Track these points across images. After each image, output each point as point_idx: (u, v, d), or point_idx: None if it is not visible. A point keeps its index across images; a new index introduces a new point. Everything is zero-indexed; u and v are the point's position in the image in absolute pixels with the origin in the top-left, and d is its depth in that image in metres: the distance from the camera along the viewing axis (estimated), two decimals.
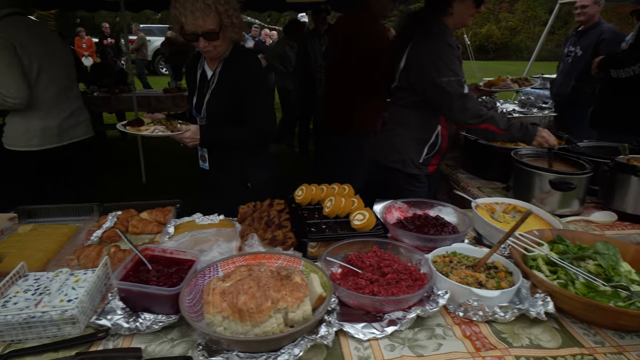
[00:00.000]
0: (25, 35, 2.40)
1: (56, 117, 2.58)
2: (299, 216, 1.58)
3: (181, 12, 1.74)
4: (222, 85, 1.94)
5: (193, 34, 1.78)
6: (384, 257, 1.34)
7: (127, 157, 6.42)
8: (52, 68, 2.52)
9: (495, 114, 1.98)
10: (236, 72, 1.94)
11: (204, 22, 1.74)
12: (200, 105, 1.99)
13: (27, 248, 1.41)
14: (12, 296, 1.12)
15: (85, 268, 1.34)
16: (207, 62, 2.01)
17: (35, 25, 2.56)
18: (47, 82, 2.49)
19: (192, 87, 2.05)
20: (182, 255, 1.27)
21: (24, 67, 2.37)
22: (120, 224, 1.64)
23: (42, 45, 2.47)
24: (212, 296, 1.02)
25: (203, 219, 1.74)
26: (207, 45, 1.81)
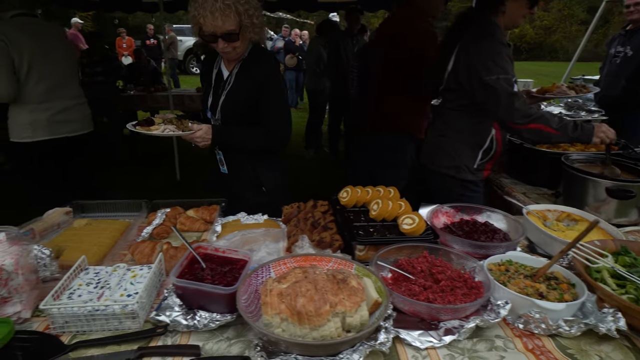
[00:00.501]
0: (20, 35, 2.58)
1: (46, 111, 2.75)
2: (345, 218, 1.57)
3: (200, 12, 1.69)
4: (238, 87, 1.89)
5: (212, 35, 1.73)
6: (435, 263, 1.31)
7: (162, 155, 6.58)
8: (45, 66, 2.70)
9: (545, 112, 1.90)
10: (253, 73, 1.88)
11: (223, 22, 1.69)
12: (215, 106, 1.96)
13: (84, 242, 1.46)
14: (76, 289, 1.16)
15: (140, 264, 1.38)
16: (223, 62, 1.97)
17: (35, 26, 2.72)
18: (37, 79, 2.68)
19: (208, 87, 2.02)
20: (234, 254, 1.28)
21: (14, 63, 2.57)
22: (169, 221, 1.68)
23: (37, 44, 2.65)
24: (270, 297, 1.02)
25: (247, 218, 1.76)
26: (226, 47, 1.76)
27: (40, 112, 2.75)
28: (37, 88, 2.70)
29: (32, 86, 2.68)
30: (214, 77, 1.98)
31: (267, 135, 1.92)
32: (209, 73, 2.03)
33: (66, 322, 1.08)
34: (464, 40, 1.99)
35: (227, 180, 2.10)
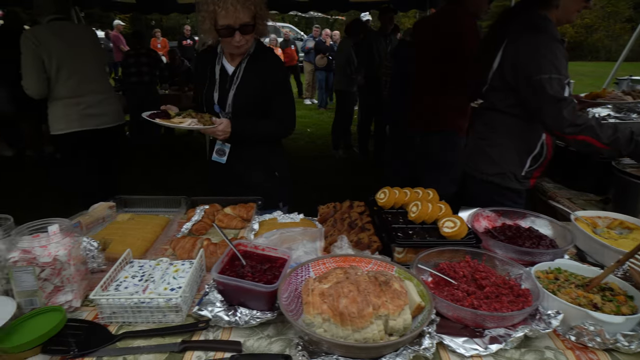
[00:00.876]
0: (51, 37, 2.86)
1: (77, 105, 3.02)
2: (383, 220, 1.54)
3: (220, 5, 1.73)
4: (248, 81, 1.96)
5: (228, 27, 1.77)
6: (478, 269, 1.27)
7: (194, 151, 6.73)
8: (74, 65, 2.97)
9: (596, 122, 1.72)
10: (261, 68, 1.97)
11: (242, 14, 1.75)
12: (223, 100, 1.99)
13: (128, 236, 1.51)
14: (122, 281, 1.19)
15: (181, 258, 1.41)
16: (226, 58, 2.01)
17: (66, 29, 3.00)
18: (67, 76, 2.95)
19: (211, 83, 2.02)
20: (273, 252, 1.28)
21: (44, 64, 2.85)
22: (207, 217, 1.71)
23: (66, 45, 2.92)
24: (312, 297, 1.02)
25: (284, 217, 1.76)
26: (241, 40, 1.81)
27: (72, 106, 3.01)
28: (68, 84, 2.97)
29: (62, 83, 2.95)
30: (219, 73, 2.00)
31: (277, 125, 2.05)
32: (205, 70, 2.04)
33: (113, 312, 1.11)
34: (512, 36, 1.86)
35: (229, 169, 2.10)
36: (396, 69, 4.34)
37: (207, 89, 2.00)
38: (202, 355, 1.01)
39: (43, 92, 2.93)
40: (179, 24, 25.71)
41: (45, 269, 1.11)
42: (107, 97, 3.22)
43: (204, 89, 2.02)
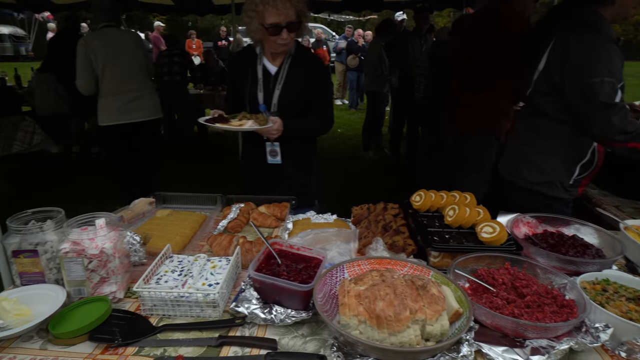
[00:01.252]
0: (98, 42, 3.38)
1: (117, 101, 3.51)
2: (418, 223, 1.52)
3: (261, 7, 1.78)
4: (293, 80, 2.00)
5: (276, 26, 1.81)
6: (518, 276, 1.23)
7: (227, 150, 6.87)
8: (116, 66, 3.44)
9: None
10: (304, 67, 2.01)
11: (288, 12, 1.79)
12: (268, 99, 2.02)
13: (167, 231, 1.56)
14: (162, 274, 1.23)
15: (218, 255, 1.44)
16: (267, 57, 2.03)
17: (112, 34, 3.46)
18: (110, 76, 3.45)
19: (254, 83, 2.04)
20: (308, 252, 1.29)
21: (92, 64, 3.38)
22: (242, 215, 1.74)
23: (110, 48, 3.40)
24: (348, 298, 1.01)
25: (317, 217, 1.77)
26: (287, 37, 1.85)
27: (113, 102, 3.51)
28: (111, 83, 3.47)
29: (107, 82, 3.46)
30: (261, 73, 2.02)
31: (320, 123, 2.11)
32: (244, 70, 2.06)
33: (154, 305, 1.15)
34: (561, 35, 1.74)
35: (281, 170, 2.11)
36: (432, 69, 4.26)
37: (250, 89, 2.03)
38: (238, 351, 1.03)
39: (91, 90, 3.47)
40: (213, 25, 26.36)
41: (93, 261, 1.16)
42: (144, 94, 3.65)
43: (245, 89, 2.04)
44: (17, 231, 1.19)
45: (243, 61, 2.08)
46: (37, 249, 1.19)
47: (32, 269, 1.21)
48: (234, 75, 2.16)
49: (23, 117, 4.53)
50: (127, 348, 1.03)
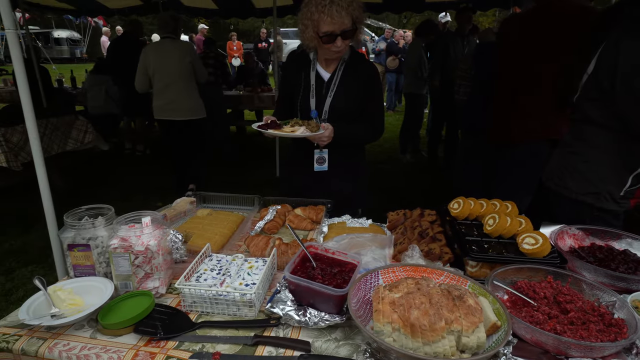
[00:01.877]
0: (152, 51, 4.17)
1: (160, 100, 4.23)
2: (456, 231, 1.49)
3: (324, 11, 1.77)
4: (345, 87, 1.99)
5: (330, 34, 1.81)
6: (562, 291, 1.18)
7: (263, 152, 6.99)
8: (163, 72, 4.15)
9: None
10: (357, 74, 2.00)
11: (343, 21, 1.79)
12: (320, 106, 2.01)
13: (207, 231, 1.61)
14: (202, 273, 1.28)
15: (254, 255, 1.47)
16: (320, 64, 2.03)
17: (164, 45, 4.20)
18: (159, 79, 4.16)
19: (306, 89, 2.03)
20: (343, 257, 1.30)
21: (147, 69, 4.14)
22: (279, 217, 1.77)
23: (162, 58, 4.13)
24: (382, 305, 1.01)
25: (352, 221, 1.77)
26: (341, 45, 1.85)
27: (158, 100, 4.23)
28: (158, 85, 4.18)
29: (156, 83, 4.18)
30: (314, 79, 2.02)
31: (371, 130, 2.09)
32: (298, 76, 2.06)
33: (194, 301, 1.20)
34: (612, 38, 1.65)
35: (326, 178, 2.11)
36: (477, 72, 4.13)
37: (303, 94, 2.03)
38: (272, 351, 1.05)
39: (144, 89, 4.28)
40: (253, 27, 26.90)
41: (139, 257, 1.23)
42: (184, 96, 4.26)
43: (298, 94, 2.04)
44: (72, 226, 1.28)
45: (296, 66, 2.09)
46: (89, 243, 1.27)
47: (84, 262, 1.29)
48: (287, 80, 2.14)
49: (77, 117, 4.82)
50: (168, 342, 1.08)
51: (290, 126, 1.86)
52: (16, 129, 4.05)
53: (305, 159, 2.07)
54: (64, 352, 1.04)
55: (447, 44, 5.23)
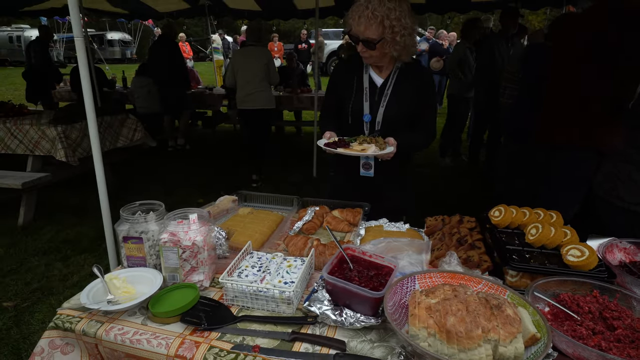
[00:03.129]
0: (239, 55, 5.24)
1: (241, 92, 5.17)
2: (496, 239, 1.47)
3: (351, 15, 1.83)
4: (400, 94, 1.97)
5: (355, 36, 1.85)
6: (609, 307, 1.13)
7: (301, 152, 7.08)
8: (244, 72, 5.07)
9: None
10: (411, 81, 1.98)
11: (365, 29, 1.79)
12: (374, 111, 1.99)
13: (248, 229, 1.68)
14: (243, 269, 1.34)
15: (293, 255, 1.52)
16: (373, 69, 2.01)
17: (246, 50, 5.17)
18: (240, 77, 5.10)
19: (359, 93, 2.00)
20: (379, 260, 1.32)
21: (233, 69, 5.12)
22: (317, 218, 1.81)
23: (244, 60, 5.09)
24: (418, 310, 1.03)
25: (389, 225, 1.78)
26: (364, 51, 1.87)
27: (240, 92, 5.18)
28: (240, 81, 5.12)
29: (239, 80, 5.12)
30: (367, 83, 2.01)
31: (426, 137, 2.09)
32: (350, 79, 2.04)
33: (235, 296, 1.26)
34: None
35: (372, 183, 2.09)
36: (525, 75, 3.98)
37: (355, 98, 2.00)
38: (309, 348, 1.09)
39: (231, 84, 5.25)
40: (294, 28, 27.21)
41: (186, 251, 1.31)
42: (259, 90, 5.14)
43: (350, 98, 2.02)
44: (127, 220, 1.38)
45: (349, 70, 2.06)
46: (141, 236, 1.37)
47: (137, 254, 1.39)
48: (337, 83, 2.11)
49: (128, 116, 5.11)
50: (211, 332, 1.15)
51: (358, 144, 1.84)
52: (75, 126, 4.36)
53: (350, 165, 2.07)
54: (119, 335, 1.13)
55: (492, 45, 5.06)
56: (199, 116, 8.58)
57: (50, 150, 4.25)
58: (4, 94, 13.59)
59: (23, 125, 4.33)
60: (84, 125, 4.49)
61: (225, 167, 6.45)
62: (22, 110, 4.80)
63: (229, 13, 9.31)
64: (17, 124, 4.35)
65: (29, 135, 4.30)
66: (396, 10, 1.78)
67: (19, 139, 4.36)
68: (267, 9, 8.72)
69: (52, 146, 4.24)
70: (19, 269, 3.41)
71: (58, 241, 3.91)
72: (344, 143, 1.87)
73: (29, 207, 4.21)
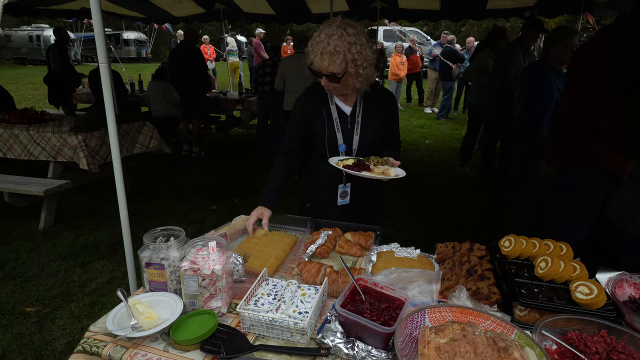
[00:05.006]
0: (288, 63, 5.81)
1: (290, 97, 5.66)
2: (506, 271, 1.50)
3: (312, 49, 1.82)
4: (370, 120, 2.03)
5: (318, 71, 1.85)
6: (617, 348, 1.16)
7: None
8: (293, 77, 5.66)
9: None
10: (378, 105, 2.04)
11: (328, 65, 1.79)
12: (348, 140, 2.02)
13: (263, 252, 1.74)
14: (259, 297, 1.40)
15: (306, 281, 1.57)
16: (338, 97, 2.04)
17: (295, 58, 5.75)
18: (290, 82, 5.72)
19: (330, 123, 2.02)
20: (391, 292, 1.36)
21: (283, 74, 5.79)
22: (329, 242, 1.86)
23: (293, 67, 5.66)
24: (428, 349, 1.07)
25: (400, 250, 1.82)
26: (328, 85, 1.90)
27: (289, 97, 5.72)
28: (289, 86, 5.73)
29: (288, 85, 5.76)
30: (336, 112, 2.02)
31: (399, 153, 2.16)
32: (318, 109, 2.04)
33: (252, 324, 1.32)
34: None
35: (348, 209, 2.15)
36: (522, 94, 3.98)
37: (329, 129, 2.02)
38: None
39: (280, 88, 5.88)
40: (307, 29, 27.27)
41: (205, 279, 1.37)
42: None
43: (322, 131, 2.03)
44: (149, 246, 1.45)
45: (315, 100, 2.06)
46: (163, 262, 1.44)
47: (158, 279, 1.46)
48: (308, 115, 2.06)
49: (145, 123, 5.23)
50: None
51: (373, 164, 1.88)
52: (94, 134, 4.49)
53: (329, 195, 2.13)
54: None
55: (509, 56, 4.99)
56: (213, 120, 8.69)
57: (73, 157, 4.39)
58: (23, 94, 13.95)
59: (45, 132, 4.47)
60: (103, 133, 4.61)
61: (238, 172, 6.54)
62: (43, 117, 4.95)
63: (244, 17, 9.42)
64: (39, 132, 4.49)
65: (51, 142, 4.45)
66: (357, 44, 1.80)
67: (41, 146, 4.50)
68: (281, 13, 8.81)
69: (74, 153, 4.37)
70: (40, 274, 3.54)
71: (77, 246, 4.03)
72: (366, 166, 1.88)
73: (49, 212, 4.35)
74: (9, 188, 4.09)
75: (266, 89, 6.75)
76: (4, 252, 3.89)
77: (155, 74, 7.41)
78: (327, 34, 1.79)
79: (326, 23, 1.84)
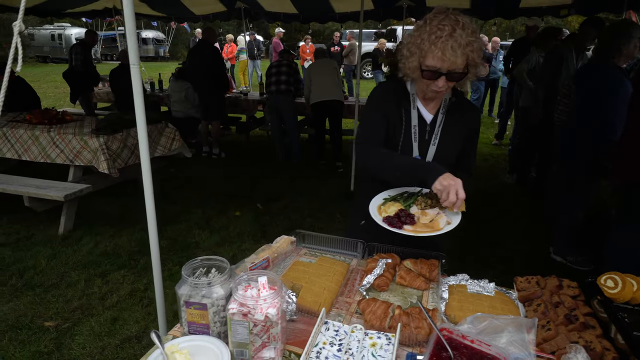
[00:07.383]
0: (314, 66, 6.46)
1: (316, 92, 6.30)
2: (618, 320, 1.23)
3: (434, 41, 1.49)
4: (451, 133, 1.74)
5: (435, 71, 1.53)
6: None
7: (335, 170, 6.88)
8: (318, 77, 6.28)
9: None
10: (462, 117, 1.76)
11: (460, 60, 1.50)
12: (423, 151, 1.74)
13: (314, 283, 1.50)
14: (321, 347, 1.16)
15: (372, 325, 1.32)
16: (421, 101, 1.74)
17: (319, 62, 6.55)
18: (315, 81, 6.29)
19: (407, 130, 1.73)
20: (484, 347, 1.11)
21: (310, 76, 6.36)
22: (388, 271, 1.61)
23: (317, 69, 6.34)
24: None
25: (472, 283, 1.56)
26: (443, 85, 1.56)
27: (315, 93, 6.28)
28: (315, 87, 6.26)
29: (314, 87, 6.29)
30: (416, 119, 1.73)
31: (471, 179, 1.80)
32: (398, 112, 1.74)
33: None
34: None
35: None
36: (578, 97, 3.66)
37: (404, 137, 1.73)
38: None
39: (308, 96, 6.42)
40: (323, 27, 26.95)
41: (258, 325, 1.14)
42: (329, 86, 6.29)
43: (399, 135, 1.74)
44: (188, 282, 1.22)
45: (395, 99, 1.75)
46: (205, 302, 1.21)
47: (199, 320, 1.23)
48: (383, 114, 1.75)
49: (167, 125, 5.05)
50: None
51: (419, 208, 1.60)
52: (116, 137, 4.32)
53: None
54: None
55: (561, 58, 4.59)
56: (233, 121, 8.52)
57: (92, 161, 4.23)
58: (45, 91, 14.06)
59: (66, 134, 4.32)
60: (125, 135, 4.45)
61: (259, 175, 6.34)
62: (64, 118, 4.82)
63: (265, 16, 9.22)
64: (60, 133, 4.35)
65: (71, 145, 4.29)
66: (475, 33, 1.52)
67: (60, 148, 4.35)
68: (304, 11, 8.59)
69: (93, 157, 4.21)
70: (60, 284, 3.37)
71: (96, 254, 3.87)
72: (409, 217, 1.57)
73: (69, 216, 4.20)
74: (29, 192, 3.95)
75: (272, 89, 6.61)
76: (24, 258, 3.75)
77: (176, 74, 7.27)
78: (450, 24, 1.48)
79: (433, 15, 1.54)
